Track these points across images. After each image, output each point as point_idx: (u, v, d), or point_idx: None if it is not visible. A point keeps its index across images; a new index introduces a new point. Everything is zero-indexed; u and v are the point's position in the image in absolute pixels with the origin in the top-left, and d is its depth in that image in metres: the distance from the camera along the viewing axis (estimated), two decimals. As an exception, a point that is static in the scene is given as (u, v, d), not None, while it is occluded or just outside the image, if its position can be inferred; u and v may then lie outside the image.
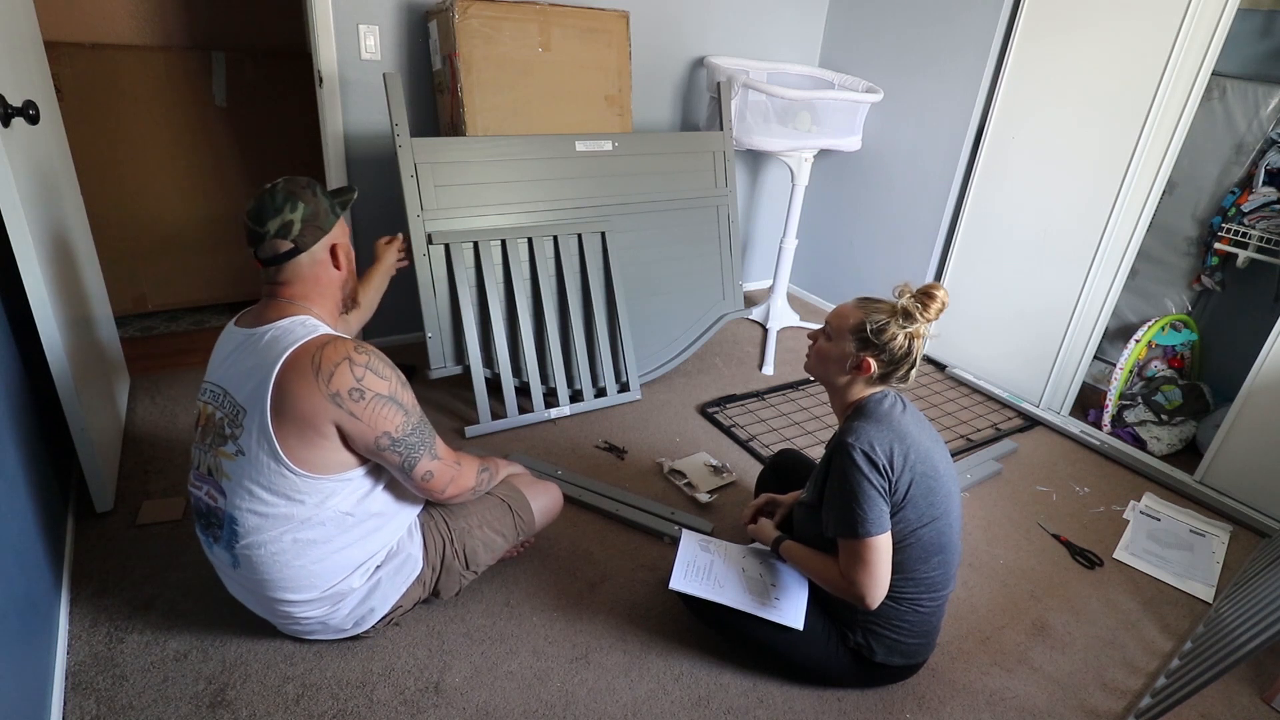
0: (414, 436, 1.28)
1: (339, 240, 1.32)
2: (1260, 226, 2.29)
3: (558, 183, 2.36)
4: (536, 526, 1.59)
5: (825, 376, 1.39)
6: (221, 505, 1.26)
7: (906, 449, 1.27)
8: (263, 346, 1.22)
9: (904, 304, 1.30)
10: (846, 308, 1.36)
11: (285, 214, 1.24)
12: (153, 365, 2.48)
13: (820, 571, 1.37)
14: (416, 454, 1.29)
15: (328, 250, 1.30)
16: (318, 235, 1.28)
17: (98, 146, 2.52)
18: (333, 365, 1.19)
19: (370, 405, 1.21)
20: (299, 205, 1.25)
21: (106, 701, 1.30)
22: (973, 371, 2.92)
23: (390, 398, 1.24)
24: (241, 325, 1.29)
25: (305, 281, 1.29)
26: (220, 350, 1.31)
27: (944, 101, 2.83)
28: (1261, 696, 1.54)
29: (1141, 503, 2.20)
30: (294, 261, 1.27)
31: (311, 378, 1.18)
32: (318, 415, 1.19)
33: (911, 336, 1.30)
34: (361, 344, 1.25)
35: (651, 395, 2.55)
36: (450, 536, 1.46)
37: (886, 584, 1.28)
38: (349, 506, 1.28)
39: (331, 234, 1.30)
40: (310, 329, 1.24)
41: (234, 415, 1.22)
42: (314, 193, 1.28)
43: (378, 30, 2.35)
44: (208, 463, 1.27)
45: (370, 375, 1.22)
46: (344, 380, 1.19)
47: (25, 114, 1.42)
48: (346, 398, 1.19)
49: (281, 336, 1.22)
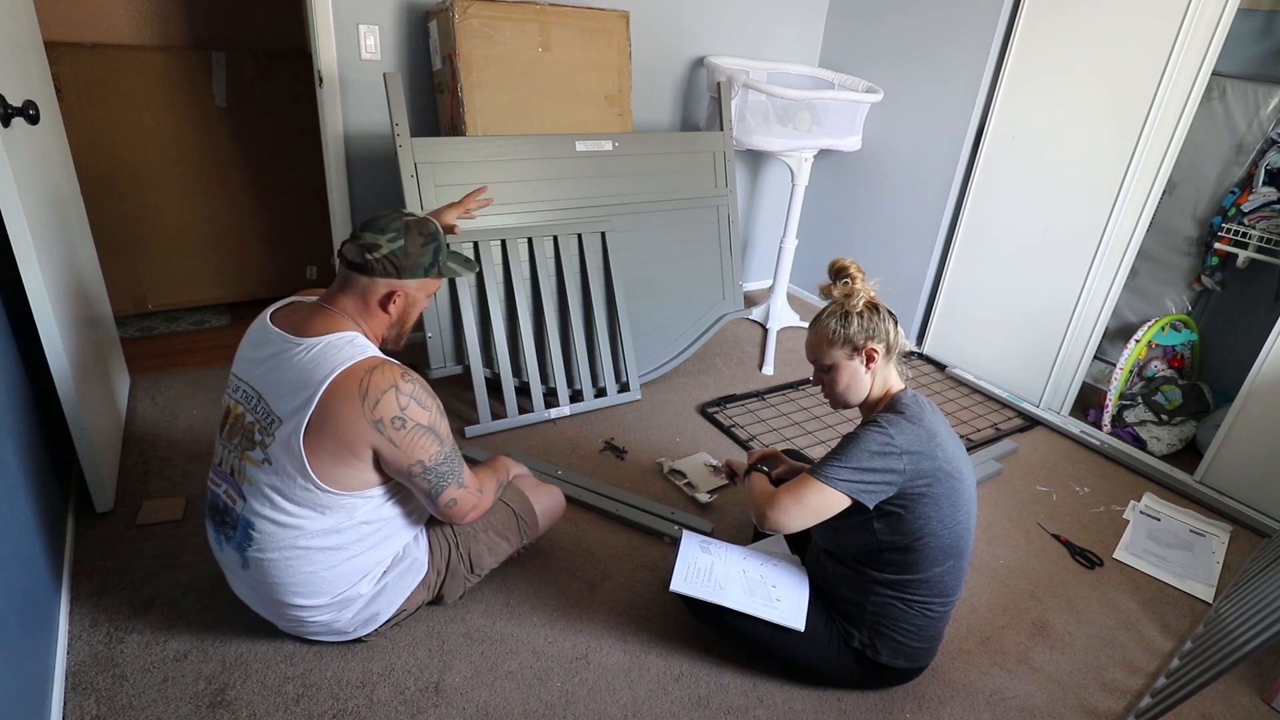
0: (444, 466, 1.28)
1: (404, 290, 1.29)
2: (1260, 226, 2.29)
3: (558, 183, 2.36)
4: (540, 529, 1.59)
5: (856, 394, 1.38)
6: (239, 509, 1.26)
7: (934, 450, 1.27)
8: (309, 361, 1.20)
9: (834, 291, 1.37)
10: (811, 338, 1.40)
11: (382, 237, 1.25)
12: (153, 365, 2.48)
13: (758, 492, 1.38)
14: (445, 483, 1.29)
15: (388, 291, 1.27)
16: (389, 273, 1.26)
17: (98, 146, 2.52)
18: (380, 392, 1.18)
19: (410, 434, 1.21)
20: (399, 240, 1.25)
21: (106, 701, 1.30)
22: (973, 371, 2.92)
23: (430, 428, 1.24)
24: (283, 327, 1.26)
25: (358, 301, 1.28)
26: (254, 347, 1.28)
27: (944, 101, 2.83)
28: (1261, 696, 1.54)
29: (1141, 503, 2.20)
30: (358, 276, 1.26)
31: (357, 402, 1.17)
32: (358, 440, 1.19)
33: (866, 301, 1.34)
34: (408, 371, 1.24)
35: (651, 395, 2.55)
36: (455, 541, 1.46)
37: (794, 528, 1.29)
38: (366, 518, 1.28)
39: (402, 282, 1.28)
40: (359, 350, 1.22)
41: (266, 424, 1.21)
42: (424, 243, 1.27)
43: (378, 30, 2.35)
44: (231, 463, 1.27)
45: (414, 405, 1.22)
46: (389, 408, 1.19)
47: (25, 114, 1.42)
48: (389, 425, 1.19)
49: (330, 354, 1.20)
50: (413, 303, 1.32)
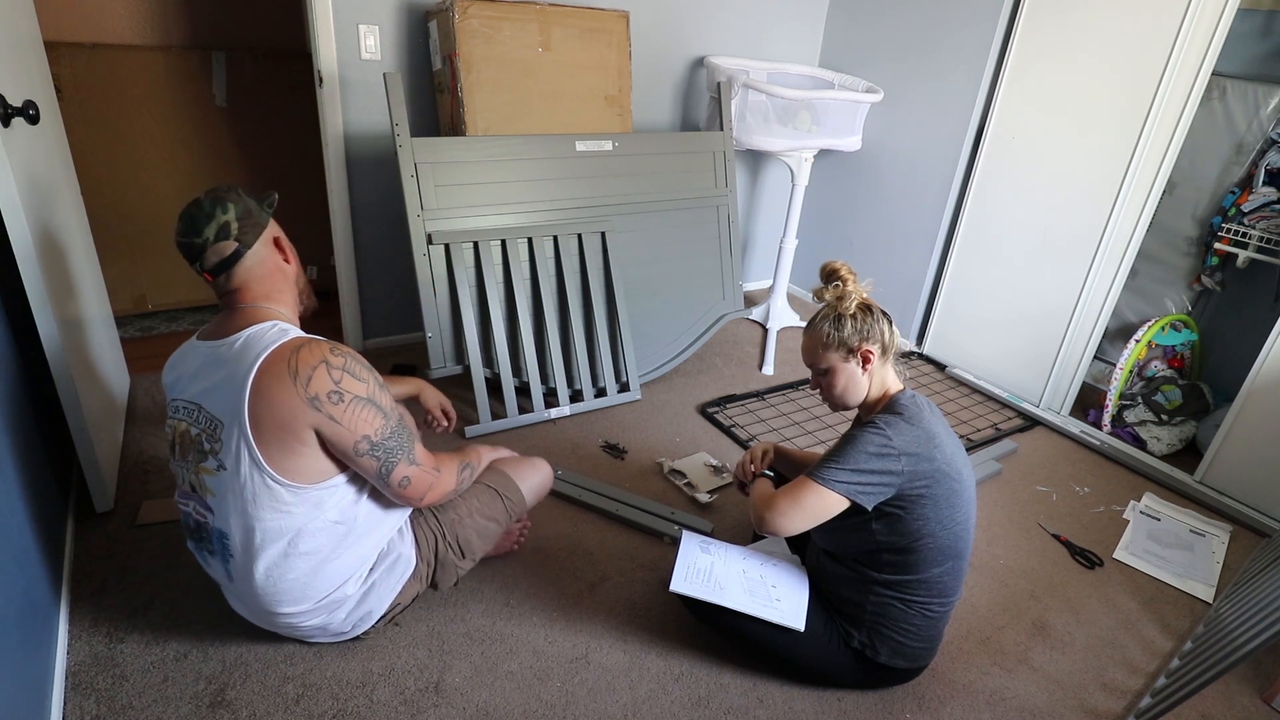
0: (392, 440, 1.24)
1: (278, 233, 1.30)
2: (1260, 226, 2.29)
3: (558, 183, 2.36)
4: (528, 505, 1.58)
5: (854, 397, 1.38)
6: (210, 521, 1.24)
7: (933, 451, 1.27)
8: (234, 355, 1.18)
9: (825, 294, 1.37)
10: (806, 342, 1.40)
11: (219, 217, 1.21)
12: (153, 365, 2.47)
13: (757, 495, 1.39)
14: (394, 459, 1.25)
15: (271, 244, 1.27)
16: (258, 231, 1.25)
17: (98, 146, 2.52)
18: (310, 368, 1.16)
19: (350, 408, 1.18)
20: (229, 206, 1.22)
21: (106, 701, 1.30)
22: (973, 371, 2.92)
23: (369, 400, 1.21)
24: (205, 339, 1.25)
25: (260, 281, 1.25)
26: (183, 366, 1.27)
27: (944, 101, 2.83)
28: (1261, 696, 1.54)
29: (1141, 503, 2.20)
30: (242, 263, 1.23)
31: (289, 381, 1.14)
32: (296, 420, 1.16)
33: (858, 303, 1.34)
34: (336, 345, 1.21)
35: (651, 395, 2.55)
36: (441, 531, 1.45)
37: (793, 530, 1.29)
38: (337, 515, 1.26)
39: (270, 228, 1.28)
40: (282, 332, 1.20)
41: (211, 429, 1.19)
42: (239, 194, 1.25)
43: (378, 30, 2.35)
44: (190, 480, 1.25)
45: (348, 377, 1.19)
46: (322, 383, 1.16)
47: (25, 114, 1.42)
48: (326, 400, 1.16)
49: (253, 342, 1.18)
50: (287, 241, 1.32)
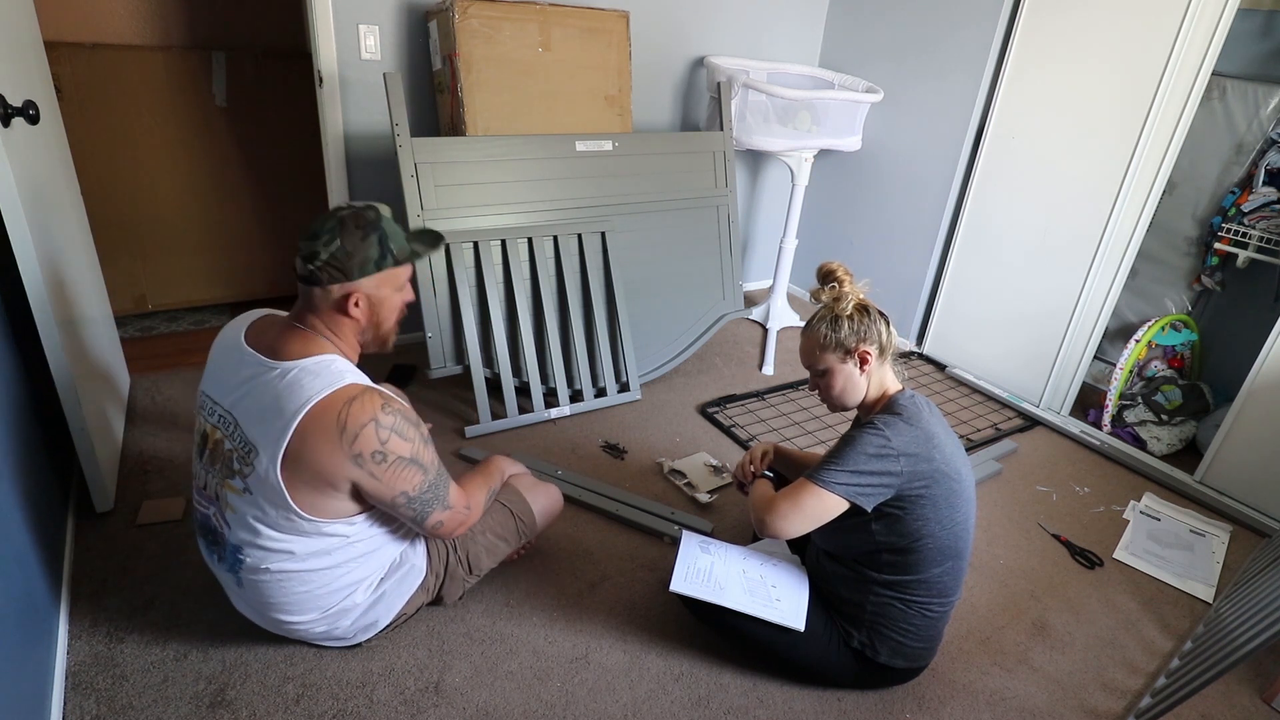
0: (429, 494, 1.25)
1: (360, 291, 1.21)
2: (1260, 226, 2.29)
3: (558, 183, 2.36)
4: (538, 528, 1.59)
5: (853, 397, 1.38)
6: (227, 535, 1.25)
7: (932, 451, 1.27)
8: (283, 388, 1.15)
9: (822, 295, 1.37)
10: (804, 344, 1.40)
11: (319, 243, 1.18)
12: (153, 365, 2.47)
13: (757, 498, 1.39)
14: (429, 509, 1.27)
15: (343, 295, 1.20)
16: (335, 278, 1.19)
17: (98, 146, 2.52)
18: (359, 425, 1.14)
19: (392, 468, 1.18)
20: (335, 241, 1.17)
21: (106, 701, 1.30)
22: (973, 371, 2.92)
23: (412, 459, 1.21)
24: (255, 348, 1.21)
25: (322, 315, 1.22)
26: (226, 364, 1.24)
27: (944, 101, 2.83)
28: (1261, 696, 1.54)
29: (1141, 503, 2.20)
30: (310, 289, 1.21)
31: (335, 436, 1.13)
32: (336, 474, 1.16)
33: (855, 303, 1.34)
34: (389, 401, 1.19)
35: (651, 395, 2.55)
36: (453, 544, 1.46)
37: (794, 533, 1.29)
38: (356, 538, 1.28)
39: (356, 283, 1.20)
40: (336, 376, 1.16)
41: (245, 452, 1.18)
42: (363, 236, 1.19)
43: (378, 30, 2.35)
44: (214, 488, 1.24)
45: (395, 438, 1.18)
46: (368, 443, 1.15)
47: (25, 114, 1.42)
48: (369, 459, 1.16)
49: (305, 381, 1.15)
50: (378, 301, 1.24)
